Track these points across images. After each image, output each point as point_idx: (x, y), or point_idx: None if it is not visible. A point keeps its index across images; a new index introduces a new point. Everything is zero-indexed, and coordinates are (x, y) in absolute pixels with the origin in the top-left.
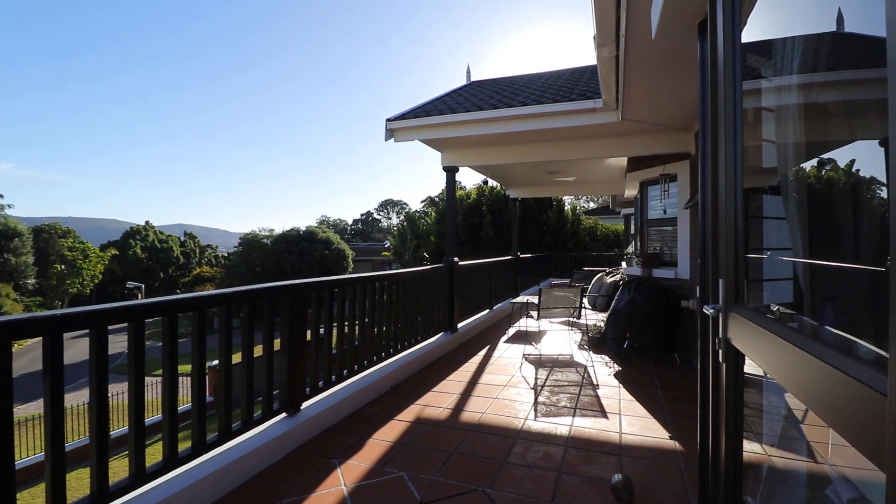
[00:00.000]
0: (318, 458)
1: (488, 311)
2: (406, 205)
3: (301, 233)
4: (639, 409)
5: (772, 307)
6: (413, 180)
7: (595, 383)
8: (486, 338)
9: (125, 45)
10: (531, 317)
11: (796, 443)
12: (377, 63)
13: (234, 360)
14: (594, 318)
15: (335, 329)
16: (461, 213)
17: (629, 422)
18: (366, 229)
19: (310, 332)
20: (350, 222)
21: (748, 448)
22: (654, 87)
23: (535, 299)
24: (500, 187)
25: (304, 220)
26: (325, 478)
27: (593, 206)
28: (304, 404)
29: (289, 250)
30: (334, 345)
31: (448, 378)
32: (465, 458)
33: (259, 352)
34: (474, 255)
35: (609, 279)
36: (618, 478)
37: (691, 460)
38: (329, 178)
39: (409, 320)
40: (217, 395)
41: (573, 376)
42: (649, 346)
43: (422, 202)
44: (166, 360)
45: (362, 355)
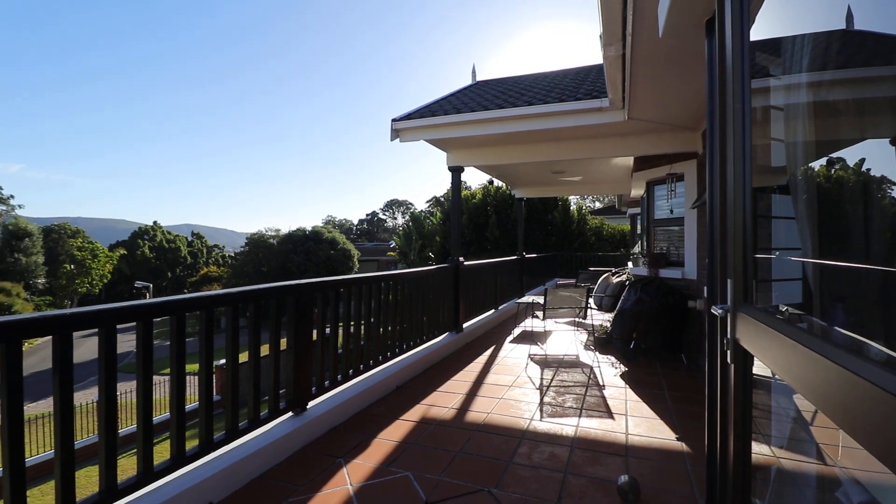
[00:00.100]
0: (324, 458)
1: (494, 311)
2: (411, 205)
3: (307, 233)
4: (645, 409)
5: (780, 307)
6: (418, 180)
7: (601, 384)
8: (492, 338)
9: (133, 44)
10: (537, 317)
11: (805, 444)
12: (383, 63)
13: (241, 359)
14: (600, 319)
15: (341, 329)
16: (466, 212)
17: (635, 423)
18: (371, 229)
19: (316, 332)
20: (355, 222)
21: (756, 449)
22: (660, 85)
23: (540, 299)
24: (505, 187)
25: (309, 220)
26: (331, 477)
27: (599, 205)
28: (310, 403)
29: (295, 250)
30: (340, 344)
31: (453, 378)
32: (470, 458)
33: (265, 351)
34: (479, 255)
35: (615, 279)
36: (624, 479)
37: (698, 461)
38: (335, 179)
39: (415, 320)
40: (224, 394)
41: (579, 377)
42: (656, 346)
43: (427, 202)
44: (174, 359)
45: (368, 355)
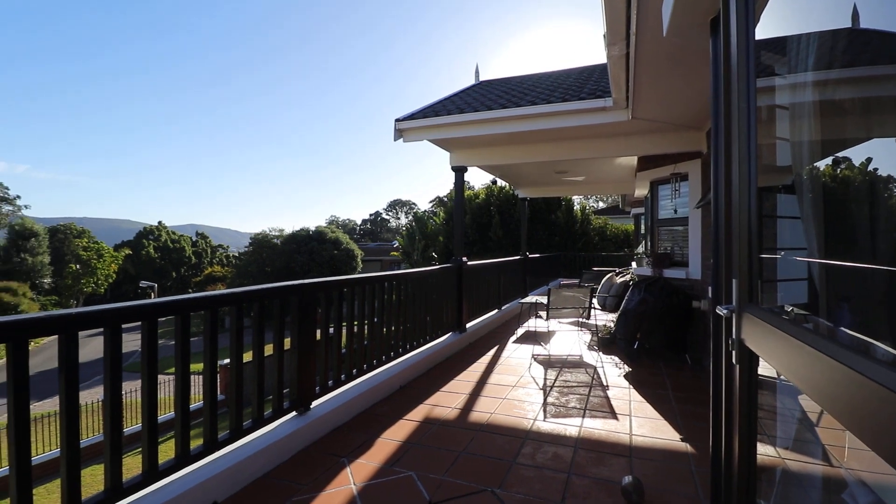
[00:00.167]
0: (328, 457)
1: (497, 311)
2: (415, 205)
3: (310, 233)
4: (649, 410)
5: (786, 308)
6: (422, 180)
7: (605, 384)
8: (495, 338)
9: (137, 45)
10: (540, 317)
11: (811, 446)
12: (386, 63)
13: (245, 358)
14: (604, 319)
15: (344, 328)
16: (470, 212)
17: (639, 423)
18: (374, 229)
19: (319, 332)
20: (359, 222)
21: (761, 450)
22: (664, 85)
23: (544, 299)
24: (508, 187)
25: (313, 220)
26: (335, 477)
27: (603, 205)
28: (314, 403)
29: (298, 250)
30: (343, 344)
31: (457, 378)
32: (474, 459)
33: (269, 351)
34: (483, 255)
35: (619, 279)
36: (628, 479)
37: (703, 462)
38: (338, 179)
39: (418, 320)
40: (228, 394)
41: (583, 377)
42: (660, 346)
43: (430, 202)
44: (179, 359)
45: (371, 355)
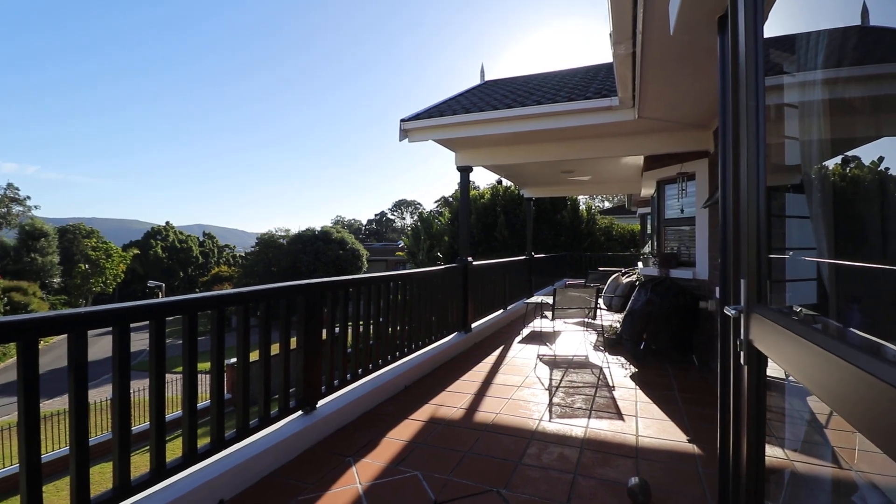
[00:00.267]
0: (334, 456)
1: (502, 311)
2: (420, 205)
3: (316, 233)
4: (656, 411)
5: (795, 308)
6: (427, 180)
7: (611, 385)
8: (501, 338)
9: (146, 46)
10: (546, 317)
11: (820, 447)
12: (392, 64)
13: (252, 358)
14: (610, 319)
15: (350, 328)
16: (475, 212)
17: (646, 424)
18: (380, 229)
19: (325, 332)
20: (364, 222)
21: (769, 452)
22: (671, 84)
23: (549, 300)
24: (514, 187)
25: (319, 220)
26: (341, 476)
27: (609, 205)
28: (320, 402)
29: (304, 250)
30: (349, 344)
31: (462, 378)
32: (479, 459)
33: (276, 350)
34: (488, 255)
35: (625, 279)
36: (634, 481)
37: (710, 464)
38: (344, 179)
39: (423, 320)
40: (235, 393)
41: (588, 377)
42: (666, 347)
43: (435, 202)
44: (186, 358)
45: (377, 354)
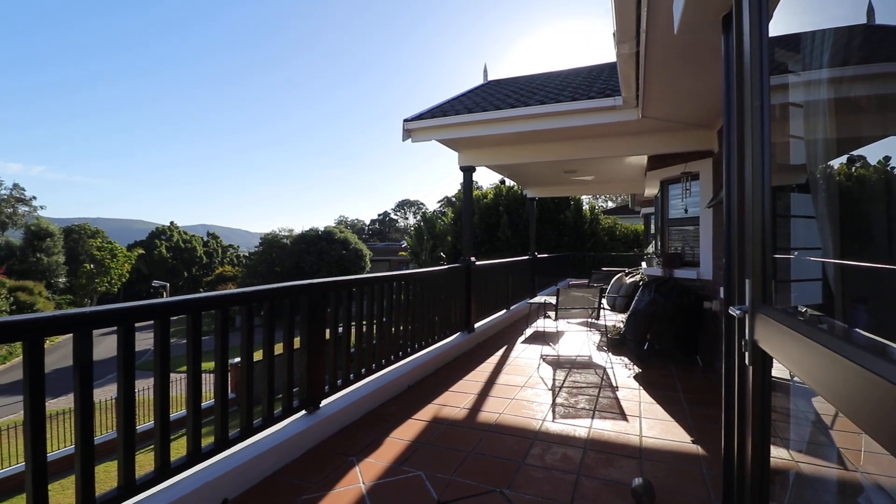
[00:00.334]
0: (337, 456)
1: (505, 311)
2: (423, 205)
3: (319, 233)
4: (659, 411)
5: (800, 309)
6: (430, 180)
7: (614, 385)
8: (504, 338)
9: (150, 46)
10: (549, 317)
11: (825, 449)
12: (395, 64)
13: (256, 357)
14: (613, 319)
15: (353, 328)
16: (478, 212)
17: (650, 425)
18: (383, 229)
19: (328, 331)
20: (367, 222)
21: (774, 453)
22: (675, 83)
23: (552, 300)
24: (517, 187)
25: (322, 220)
26: (344, 475)
27: (612, 205)
28: (323, 402)
29: (308, 250)
30: (352, 344)
31: (465, 378)
32: (482, 459)
33: (279, 350)
34: (491, 255)
35: (629, 279)
36: (638, 481)
37: (714, 465)
38: (347, 179)
39: (426, 320)
40: (239, 392)
41: (592, 378)
42: (670, 347)
43: (438, 202)
44: (190, 357)
45: (380, 354)
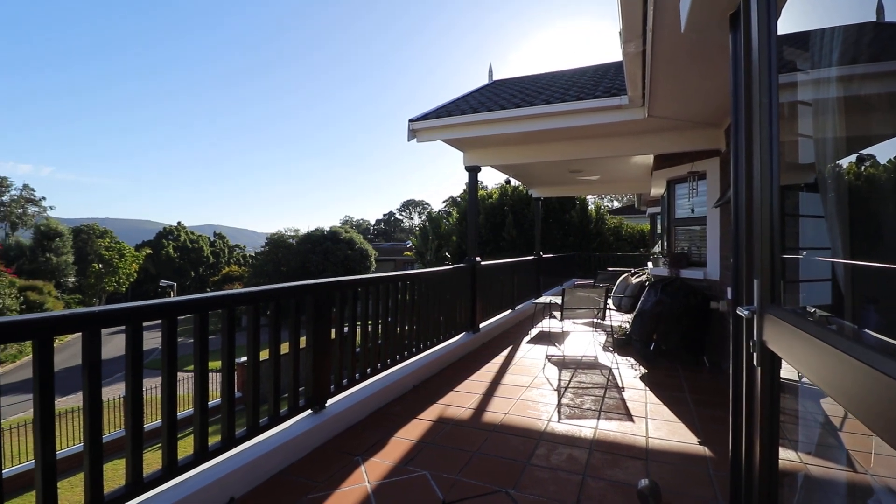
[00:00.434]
0: (343, 455)
1: (510, 311)
2: (428, 205)
3: (325, 233)
4: (666, 412)
5: (809, 309)
6: (435, 180)
7: (620, 386)
8: (509, 338)
9: (157, 47)
10: (554, 317)
11: (834, 451)
12: (400, 64)
13: (262, 357)
14: (619, 320)
15: (358, 328)
16: (483, 212)
17: (656, 426)
18: (388, 229)
19: (334, 331)
20: (373, 222)
21: (782, 455)
22: (682, 82)
23: (558, 300)
24: (522, 187)
25: (327, 220)
26: (350, 475)
27: (618, 205)
28: (329, 401)
29: (313, 250)
30: (358, 343)
31: (470, 378)
32: (487, 459)
33: (285, 349)
34: (496, 255)
35: (635, 279)
36: (644, 482)
37: (721, 466)
38: (352, 179)
39: (431, 320)
40: (245, 391)
41: (597, 378)
42: (677, 348)
43: (444, 202)
44: (197, 357)
45: (385, 354)
